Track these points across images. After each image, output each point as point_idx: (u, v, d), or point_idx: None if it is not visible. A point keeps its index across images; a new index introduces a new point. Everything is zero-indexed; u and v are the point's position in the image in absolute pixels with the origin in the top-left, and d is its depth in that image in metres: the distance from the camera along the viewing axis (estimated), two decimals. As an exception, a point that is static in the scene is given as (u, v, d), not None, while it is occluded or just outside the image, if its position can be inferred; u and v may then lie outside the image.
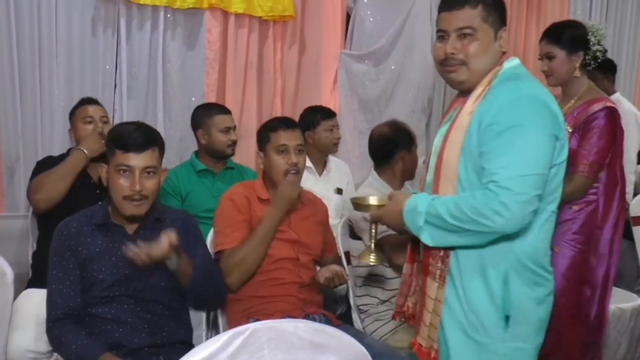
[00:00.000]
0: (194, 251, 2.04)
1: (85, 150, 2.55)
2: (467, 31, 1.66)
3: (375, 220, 1.93)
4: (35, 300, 2.39)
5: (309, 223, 2.39)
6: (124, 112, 3.32)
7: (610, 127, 2.39)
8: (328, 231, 2.53)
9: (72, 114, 2.73)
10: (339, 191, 3.37)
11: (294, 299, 2.26)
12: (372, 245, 2.03)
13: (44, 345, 2.30)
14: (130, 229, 1.97)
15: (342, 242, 2.63)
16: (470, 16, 1.66)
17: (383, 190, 2.59)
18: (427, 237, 1.64)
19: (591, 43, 2.51)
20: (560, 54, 2.49)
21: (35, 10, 3.08)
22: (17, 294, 2.19)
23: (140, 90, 3.39)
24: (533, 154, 1.56)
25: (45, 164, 2.61)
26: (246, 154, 3.60)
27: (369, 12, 4.03)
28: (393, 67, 4.06)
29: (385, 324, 2.51)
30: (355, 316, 2.61)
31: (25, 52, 3.07)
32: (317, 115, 3.33)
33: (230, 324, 2.26)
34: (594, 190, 2.40)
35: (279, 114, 3.83)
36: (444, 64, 1.72)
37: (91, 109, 2.70)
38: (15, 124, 3.07)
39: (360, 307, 2.61)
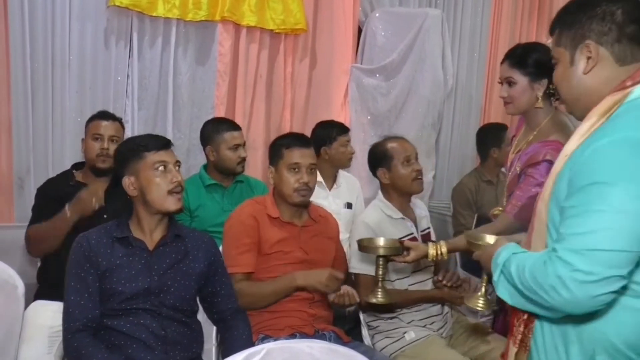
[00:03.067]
0: (220, 280, 2.08)
1: (68, 213, 2.44)
2: None
3: (476, 260, 1.67)
4: (45, 313, 2.40)
5: (319, 240, 2.38)
6: (134, 123, 3.33)
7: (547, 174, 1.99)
8: (339, 247, 2.52)
9: (87, 124, 2.72)
10: (349, 206, 3.36)
11: (304, 314, 2.25)
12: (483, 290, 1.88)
13: (52, 358, 2.31)
14: (151, 243, 1.97)
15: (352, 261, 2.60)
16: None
17: (387, 210, 2.56)
18: (504, 293, 1.39)
19: None
20: (521, 80, 2.17)
21: (50, 22, 3.10)
22: (25, 304, 2.18)
23: (151, 101, 3.40)
24: (617, 223, 1.21)
25: (44, 196, 2.58)
26: (254, 167, 3.60)
27: (380, 27, 4.04)
28: (404, 82, 4.06)
29: (395, 341, 2.48)
30: (364, 332, 2.59)
31: (39, 64, 3.09)
32: (334, 131, 3.32)
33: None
34: None
35: (288, 127, 3.84)
36: None
37: (103, 126, 2.64)
38: (27, 135, 3.08)
39: (370, 324, 2.59)
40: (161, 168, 1.93)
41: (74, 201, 2.42)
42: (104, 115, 2.69)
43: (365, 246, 2.24)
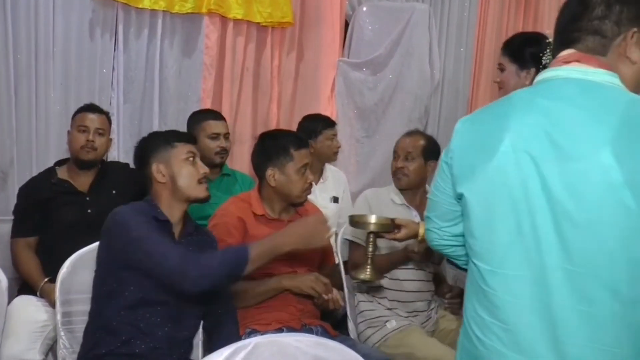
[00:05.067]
0: None
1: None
2: None
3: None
4: (28, 307, 2.38)
5: None
6: (120, 116, 3.30)
7: None
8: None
9: (73, 117, 2.69)
10: (336, 200, 3.36)
11: (292, 309, 2.25)
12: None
13: (36, 353, 2.29)
14: (177, 234, 2.01)
15: (341, 251, 2.61)
16: None
17: (392, 194, 2.64)
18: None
19: (545, 60, 2.26)
20: (510, 67, 2.31)
21: (33, 13, 3.04)
22: (8, 299, 2.15)
23: (137, 94, 3.37)
24: None
25: (26, 199, 2.57)
26: (240, 160, 3.59)
27: (367, 21, 4.04)
28: (391, 76, 4.06)
29: (377, 330, 2.51)
30: (351, 325, 2.60)
31: (22, 55, 3.04)
32: (319, 125, 3.31)
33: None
34: None
35: (275, 121, 3.83)
36: None
37: (90, 118, 2.62)
38: (10, 127, 3.03)
39: (362, 313, 2.61)
40: (191, 158, 2.01)
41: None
42: (91, 108, 2.68)
43: (356, 222, 2.26)
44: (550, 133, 1.25)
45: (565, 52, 1.34)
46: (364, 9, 4.04)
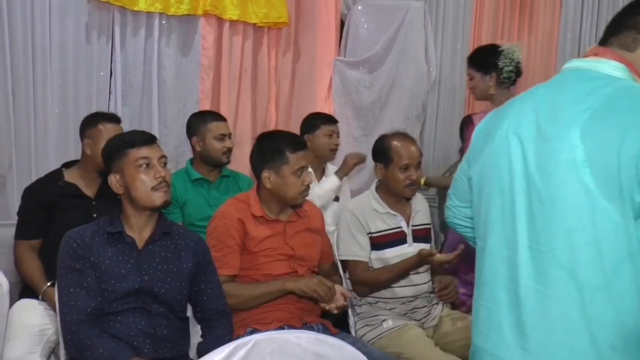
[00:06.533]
0: (207, 279, 2.06)
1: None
2: None
3: None
4: (30, 311, 2.38)
5: (305, 235, 2.37)
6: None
7: None
8: (325, 239, 2.52)
9: (94, 125, 2.60)
10: (336, 198, 3.36)
11: (292, 307, 2.26)
12: None
13: (37, 357, 2.29)
14: (140, 241, 1.96)
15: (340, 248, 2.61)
16: None
17: (374, 204, 2.58)
18: None
19: (501, 64, 2.91)
20: (476, 75, 2.97)
21: (29, 17, 3.04)
22: (10, 303, 2.16)
23: (135, 97, 3.37)
24: None
25: (30, 200, 2.54)
26: (240, 162, 3.59)
27: (363, 19, 4.04)
28: (387, 74, 4.06)
29: (374, 328, 2.52)
30: (352, 323, 2.61)
31: (19, 59, 3.03)
32: (319, 120, 3.31)
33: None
34: None
35: (273, 121, 3.83)
36: None
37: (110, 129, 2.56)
38: (9, 130, 3.03)
39: (355, 307, 2.61)
40: (144, 164, 1.92)
41: None
42: (113, 118, 2.66)
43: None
44: (538, 116, 1.31)
45: (590, 48, 1.40)
46: (359, 7, 4.04)
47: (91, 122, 2.60)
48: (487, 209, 1.39)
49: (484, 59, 2.95)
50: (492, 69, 2.91)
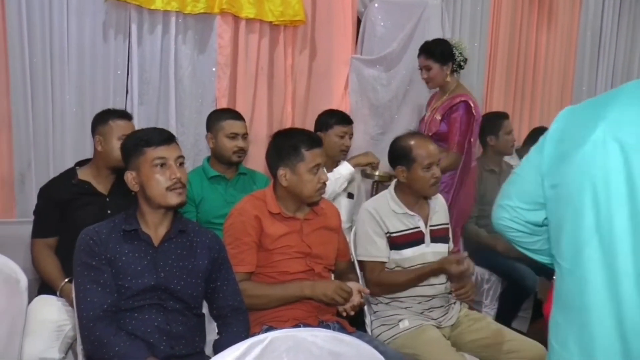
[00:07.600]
0: (223, 276, 2.06)
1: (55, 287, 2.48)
2: None
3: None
4: (48, 307, 2.41)
5: (322, 233, 2.36)
6: (136, 118, 3.30)
7: (466, 116, 3.29)
8: (341, 237, 2.51)
9: (110, 121, 2.59)
10: (350, 196, 3.35)
11: (308, 306, 2.25)
12: None
13: (55, 352, 2.31)
14: (156, 239, 1.96)
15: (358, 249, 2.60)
16: None
17: (392, 204, 2.55)
18: None
19: (456, 55, 3.45)
20: (435, 65, 3.38)
21: (47, 16, 3.08)
22: (28, 299, 2.18)
23: (152, 95, 3.38)
24: None
25: (46, 200, 2.55)
26: (257, 160, 3.59)
27: (379, 17, 4.02)
28: (404, 72, 4.04)
29: (390, 328, 2.50)
30: (368, 322, 2.59)
31: (37, 58, 3.07)
32: (333, 119, 3.28)
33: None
34: None
35: (289, 120, 3.83)
36: None
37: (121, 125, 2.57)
38: (27, 129, 3.07)
39: (372, 306, 2.60)
40: (160, 164, 1.92)
41: None
42: (124, 114, 2.66)
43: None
44: None
45: None
46: (376, 5, 4.02)
47: (102, 119, 2.61)
48: (576, 226, 1.20)
49: (442, 51, 3.37)
50: (449, 59, 3.39)
